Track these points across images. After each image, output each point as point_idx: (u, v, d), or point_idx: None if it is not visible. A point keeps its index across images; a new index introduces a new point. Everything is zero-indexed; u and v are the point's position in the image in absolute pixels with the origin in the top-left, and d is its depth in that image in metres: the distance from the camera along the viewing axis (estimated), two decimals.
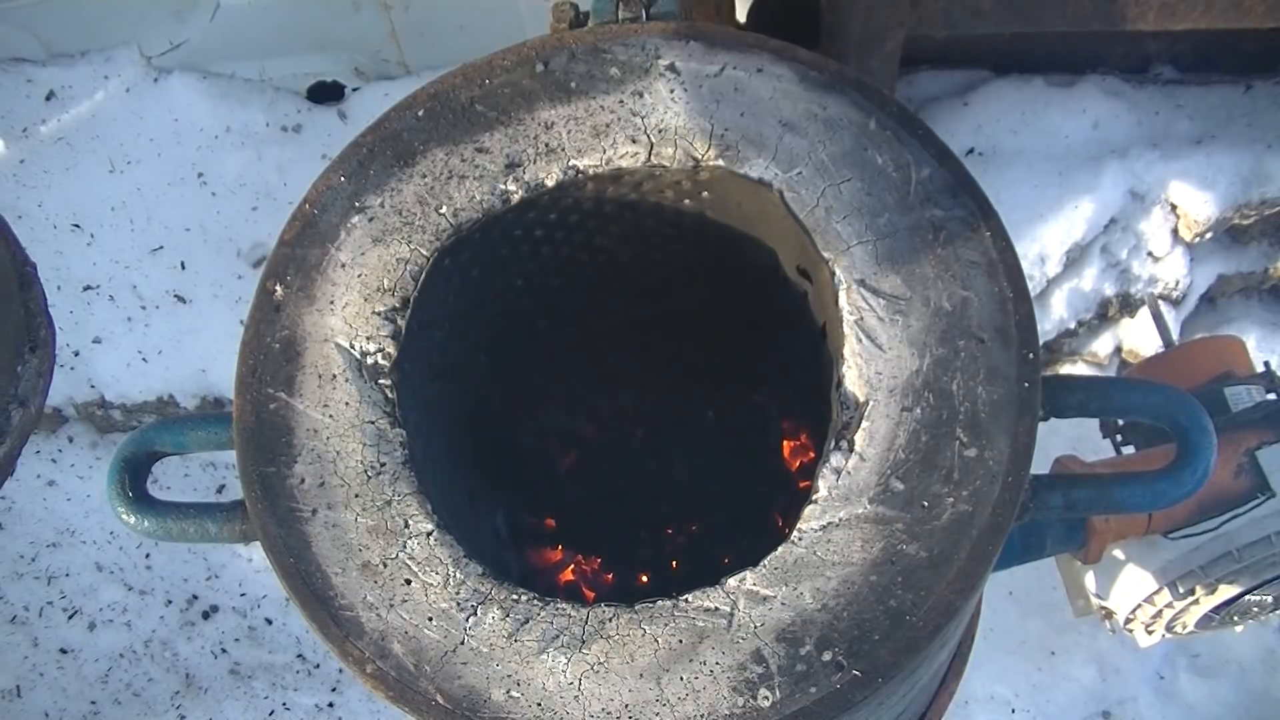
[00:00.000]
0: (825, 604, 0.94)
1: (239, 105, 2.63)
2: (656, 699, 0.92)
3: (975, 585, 0.94)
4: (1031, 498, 1.03)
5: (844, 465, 0.99)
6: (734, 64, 1.13)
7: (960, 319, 1.02)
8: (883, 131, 1.09)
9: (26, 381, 0.82)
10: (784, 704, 0.91)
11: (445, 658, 0.95)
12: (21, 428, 0.82)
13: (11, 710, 2.53)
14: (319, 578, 0.99)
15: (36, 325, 0.85)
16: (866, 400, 1.01)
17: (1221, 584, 1.81)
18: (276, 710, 2.54)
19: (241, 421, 1.04)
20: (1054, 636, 2.54)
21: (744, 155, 1.10)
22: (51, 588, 2.60)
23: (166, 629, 2.59)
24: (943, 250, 1.05)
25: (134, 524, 1.09)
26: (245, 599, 2.61)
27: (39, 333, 0.85)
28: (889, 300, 1.03)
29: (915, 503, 0.97)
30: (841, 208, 1.07)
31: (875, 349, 1.02)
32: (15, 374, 0.82)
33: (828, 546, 0.96)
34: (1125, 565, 1.86)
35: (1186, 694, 2.52)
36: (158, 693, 2.55)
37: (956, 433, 0.99)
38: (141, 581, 2.62)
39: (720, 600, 0.95)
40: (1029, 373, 1.00)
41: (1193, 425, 1.03)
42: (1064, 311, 2.52)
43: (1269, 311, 2.70)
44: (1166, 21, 2.14)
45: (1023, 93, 2.48)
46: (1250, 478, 1.72)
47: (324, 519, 1.01)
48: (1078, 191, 2.41)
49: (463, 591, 0.97)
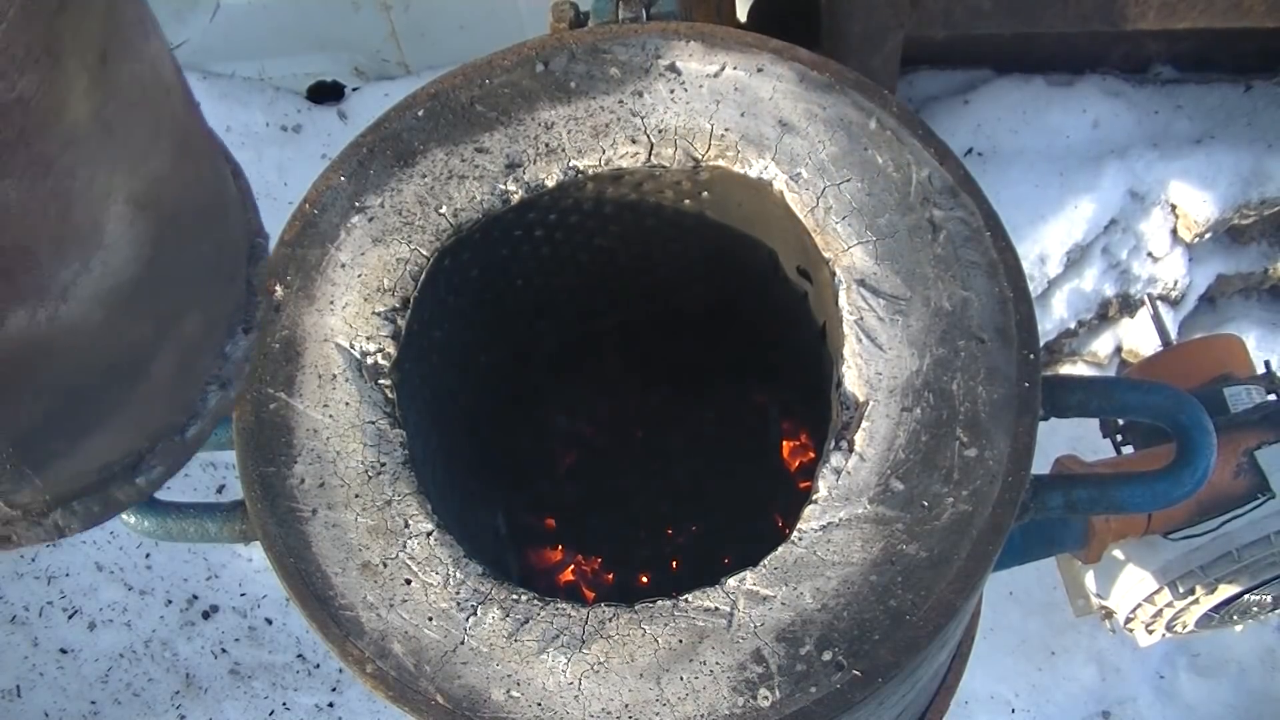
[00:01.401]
0: (825, 604, 0.94)
1: (239, 105, 2.63)
2: (656, 699, 0.92)
3: (975, 585, 0.94)
4: (1031, 498, 1.03)
5: (844, 465, 0.99)
6: (734, 64, 1.13)
7: (960, 319, 1.02)
8: (883, 131, 1.09)
9: (232, 364, 0.75)
10: (784, 704, 0.91)
11: (445, 658, 0.95)
12: (217, 411, 0.76)
13: (11, 710, 2.53)
14: (319, 578, 0.99)
15: (255, 305, 0.78)
16: (866, 400, 1.01)
17: (1221, 584, 1.81)
18: (276, 710, 2.54)
19: (241, 421, 1.05)
20: (1054, 636, 2.54)
21: (744, 155, 1.10)
22: (51, 588, 2.60)
23: (166, 629, 2.59)
24: (943, 250, 1.05)
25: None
26: (245, 599, 2.62)
27: (254, 313, 0.77)
28: (889, 300, 1.03)
29: (915, 503, 0.97)
30: (841, 208, 1.07)
31: (875, 349, 1.02)
32: (223, 354, 0.75)
33: (828, 546, 0.96)
34: (1125, 565, 1.86)
35: (1186, 694, 2.52)
36: (158, 693, 2.55)
37: (957, 433, 0.99)
38: (141, 581, 2.62)
39: (720, 600, 0.95)
40: (1029, 373, 1.00)
41: (1193, 425, 1.03)
42: (1064, 311, 2.52)
43: (1269, 311, 2.70)
44: (1166, 21, 2.14)
45: (1023, 92, 2.48)
46: (1250, 478, 1.72)
47: (324, 519, 1.01)
48: (1078, 191, 2.41)
49: (463, 591, 0.97)
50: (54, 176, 0.55)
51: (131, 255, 0.62)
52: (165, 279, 0.66)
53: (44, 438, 0.66)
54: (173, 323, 0.69)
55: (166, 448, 0.75)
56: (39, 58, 0.52)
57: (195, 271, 0.71)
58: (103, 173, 0.58)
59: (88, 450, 0.70)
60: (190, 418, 0.76)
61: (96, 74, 0.56)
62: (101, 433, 0.70)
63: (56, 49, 0.53)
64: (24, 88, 0.51)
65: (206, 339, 0.74)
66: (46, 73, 0.53)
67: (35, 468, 0.67)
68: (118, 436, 0.71)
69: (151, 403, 0.72)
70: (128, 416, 0.71)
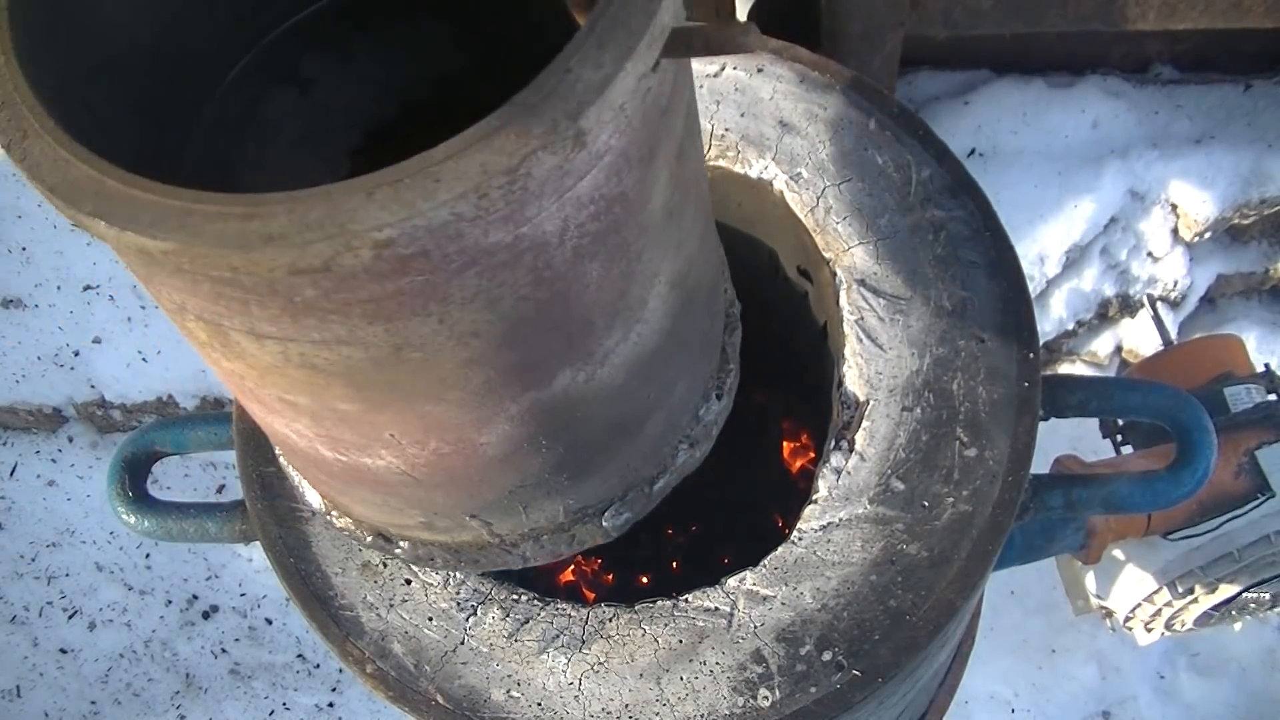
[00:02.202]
0: (825, 604, 0.94)
1: None
2: (656, 699, 0.92)
3: (975, 585, 0.94)
4: (1031, 498, 1.03)
5: (844, 465, 0.99)
6: (734, 64, 1.13)
7: (960, 319, 1.02)
8: (883, 131, 1.09)
9: (703, 426, 0.82)
10: (784, 704, 0.91)
11: (445, 658, 0.95)
12: (684, 467, 0.83)
13: (11, 710, 2.53)
14: (319, 578, 0.99)
15: (728, 371, 0.85)
16: (867, 400, 1.01)
17: (1221, 584, 1.81)
18: (276, 710, 2.54)
19: (241, 421, 1.04)
20: (1054, 636, 2.54)
21: (744, 155, 1.10)
22: (51, 588, 2.60)
23: (166, 629, 2.59)
24: (943, 250, 1.05)
25: (134, 524, 1.09)
26: (245, 599, 2.62)
27: (726, 380, 0.84)
28: (889, 300, 1.03)
29: (915, 503, 0.97)
30: (842, 208, 1.07)
31: (876, 349, 1.02)
32: (697, 416, 0.82)
33: (828, 546, 0.96)
34: (1125, 565, 1.86)
35: (1186, 693, 2.52)
36: (158, 693, 2.55)
37: (956, 433, 0.99)
38: (141, 581, 2.62)
39: (720, 600, 0.95)
40: (1029, 373, 1.00)
41: (1193, 425, 1.03)
42: (1064, 311, 2.52)
43: (1269, 311, 2.70)
44: (1166, 21, 2.14)
45: (1023, 93, 2.48)
46: (1250, 478, 1.72)
47: (324, 519, 1.01)
48: (1078, 191, 2.41)
49: (462, 591, 0.97)
50: (627, 259, 0.61)
51: (659, 328, 0.68)
52: (676, 348, 0.72)
53: (548, 480, 0.73)
54: (670, 387, 0.75)
55: (635, 496, 0.81)
56: (645, 157, 0.56)
57: (695, 341, 0.77)
58: (658, 255, 0.64)
59: (577, 493, 0.76)
60: (660, 471, 0.82)
61: (674, 169, 0.62)
62: (593, 479, 0.76)
63: (655, 148, 0.58)
64: (628, 184, 0.56)
65: (688, 402, 0.81)
66: (644, 170, 0.57)
67: (526, 506, 0.75)
68: (603, 484, 0.78)
69: (637, 456, 0.78)
70: (616, 467, 0.77)
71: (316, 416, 0.65)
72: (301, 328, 0.55)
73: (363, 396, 0.62)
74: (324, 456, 0.70)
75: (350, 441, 0.67)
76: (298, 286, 0.51)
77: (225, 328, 0.57)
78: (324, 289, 0.51)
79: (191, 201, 0.49)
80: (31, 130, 0.52)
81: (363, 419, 0.64)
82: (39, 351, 2.56)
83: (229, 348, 0.59)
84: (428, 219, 0.48)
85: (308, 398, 0.63)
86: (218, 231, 0.48)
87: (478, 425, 0.66)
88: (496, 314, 0.56)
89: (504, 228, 0.51)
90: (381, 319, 0.54)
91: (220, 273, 0.50)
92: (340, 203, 0.47)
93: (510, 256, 0.53)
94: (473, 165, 0.48)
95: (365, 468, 0.70)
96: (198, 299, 0.55)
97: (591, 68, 0.49)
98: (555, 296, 0.58)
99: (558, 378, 0.65)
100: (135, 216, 0.49)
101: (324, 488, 0.83)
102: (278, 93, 0.79)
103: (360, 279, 0.51)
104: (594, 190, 0.54)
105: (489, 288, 0.54)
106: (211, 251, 0.48)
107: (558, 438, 0.69)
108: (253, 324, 0.55)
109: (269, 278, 0.50)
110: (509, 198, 0.50)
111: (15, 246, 2.58)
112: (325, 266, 0.49)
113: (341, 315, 0.54)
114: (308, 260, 0.49)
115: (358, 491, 0.76)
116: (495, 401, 0.64)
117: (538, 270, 0.55)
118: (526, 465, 0.71)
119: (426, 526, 0.78)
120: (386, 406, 0.63)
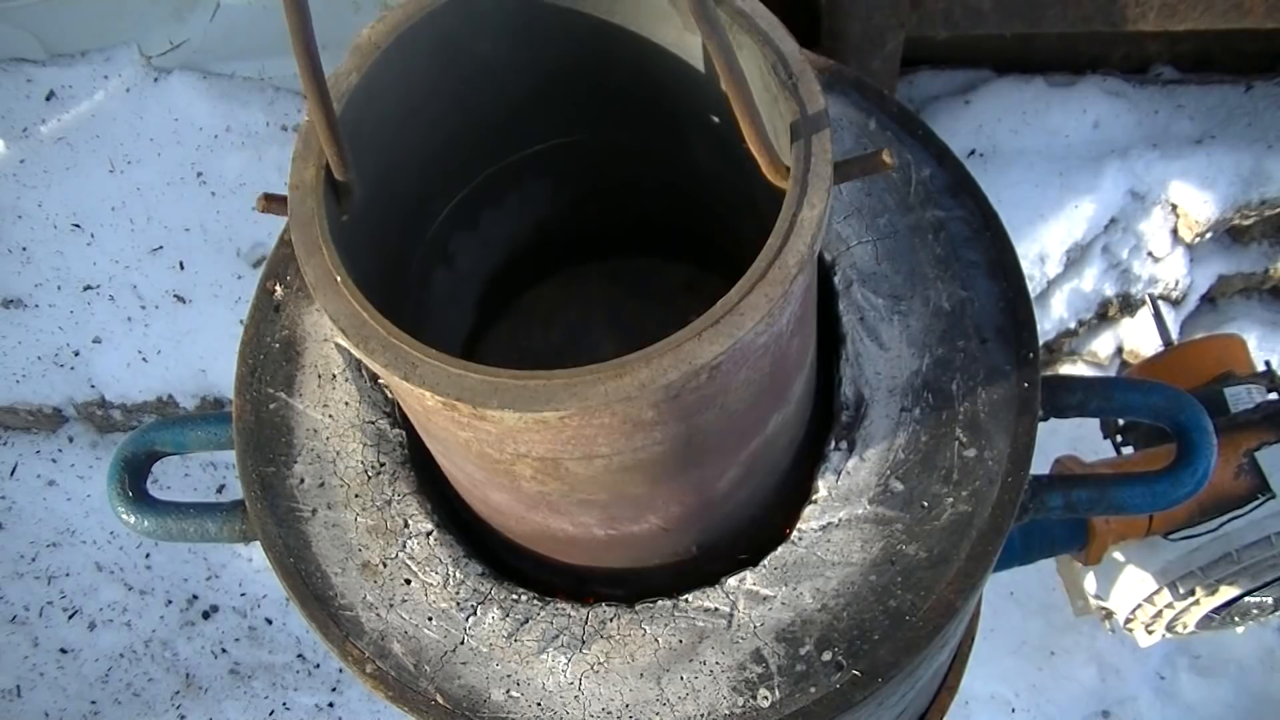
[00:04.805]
0: (825, 604, 0.94)
1: (239, 105, 2.63)
2: (657, 699, 0.92)
3: (975, 585, 0.94)
4: (1031, 498, 1.03)
5: (844, 465, 0.99)
6: None
7: (960, 319, 1.02)
8: (883, 131, 1.09)
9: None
10: (784, 704, 0.91)
11: (445, 657, 0.95)
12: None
13: (11, 710, 2.53)
14: (319, 578, 0.99)
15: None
16: (866, 400, 1.01)
17: (1222, 585, 1.81)
18: (276, 710, 2.54)
19: (241, 421, 1.04)
20: (1054, 636, 2.54)
21: None
22: (51, 588, 2.61)
23: (166, 629, 2.59)
24: (943, 250, 1.05)
25: (134, 524, 1.09)
26: (245, 599, 2.62)
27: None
28: (889, 300, 1.03)
29: (915, 503, 0.97)
30: (841, 208, 1.07)
31: (875, 349, 1.02)
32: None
33: (828, 547, 0.96)
34: (1125, 566, 1.86)
35: (1186, 694, 2.52)
36: (158, 693, 2.55)
37: (956, 433, 0.99)
38: (141, 581, 2.62)
39: (720, 600, 0.95)
40: (1029, 373, 1.00)
41: (1193, 425, 1.03)
42: (1064, 311, 2.53)
43: (1269, 311, 2.70)
44: (1166, 21, 2.14)
45: (1023, 93, 2.48)
46: (1250, 478, 1.71)
47: (324, 519, 1.01)
48: (1078, 191, 2.41)
49: (462, 591, 0.97)
50: (808, 327, 0.88)
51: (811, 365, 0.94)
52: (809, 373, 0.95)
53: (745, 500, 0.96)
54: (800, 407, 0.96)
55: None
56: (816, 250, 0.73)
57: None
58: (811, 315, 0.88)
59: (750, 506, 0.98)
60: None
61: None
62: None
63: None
64: (810, 274, 0.78)
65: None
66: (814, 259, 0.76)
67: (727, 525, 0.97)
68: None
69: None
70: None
71: (607, 506, 0.84)
72: (630, 441, 0.73)
73: (652, 479, 0.80)
74: (594, 536, 0.89)
75: (629, 517, 0.86)
76: (644, 411, 0.69)
77: (562, 460, 0.74)
78: (660, 409, 0.70)
79: (569, 378, 0.67)
80: (418, 360, 0.69)
81: (646, 497, 0.83)
82: (39, 351, 2.56)
83: (549, 475, 0.77)
84: (741, 342, 0.67)
85: (608, 494, 0.81)
86: (602, 392, 0.66)
87: (720, 474, 0.86)
88: (750, 391, 0.76)
89: (769, 332, 0.71)
90: (684, 418, 0.73)
91: (600, 420, 0.68)
92: (684, 347, 0.67)
93: (764, 349, 0.72)
94: (760, 297, 0.68)
95: (631, 535, 0.89)
96: (551, 444, 0.72)
97: (808, 208, 0.70)
98: (777, 367, 0.78)
99: (771, 422, 0.85)
100: (533, 399, 0.66)
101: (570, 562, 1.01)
102: (436, 268, 1.02)
103: (682, 394, 0.69)
104: (803, 285, 0.73)
105: (750, 375, 0.74)
106: (603, 406, 0.66)
107: (762, 464, 0.90)
108: (590, 449, 0.73)
109: (628, 412, 0.69)
110: (780, 310, 0.70)
111: (15, 246, 2.58)
112: (675, 394, 0.68)
113: (662, 424, 0.72)
114: (662, 392, 0.67)
115: (609, 555, 0.97)
116: (735, 453, 0.85)
117: (773, 353, 0.75)
118: (738, 495, 0.91)
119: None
120: (668, 482, 0.82)
